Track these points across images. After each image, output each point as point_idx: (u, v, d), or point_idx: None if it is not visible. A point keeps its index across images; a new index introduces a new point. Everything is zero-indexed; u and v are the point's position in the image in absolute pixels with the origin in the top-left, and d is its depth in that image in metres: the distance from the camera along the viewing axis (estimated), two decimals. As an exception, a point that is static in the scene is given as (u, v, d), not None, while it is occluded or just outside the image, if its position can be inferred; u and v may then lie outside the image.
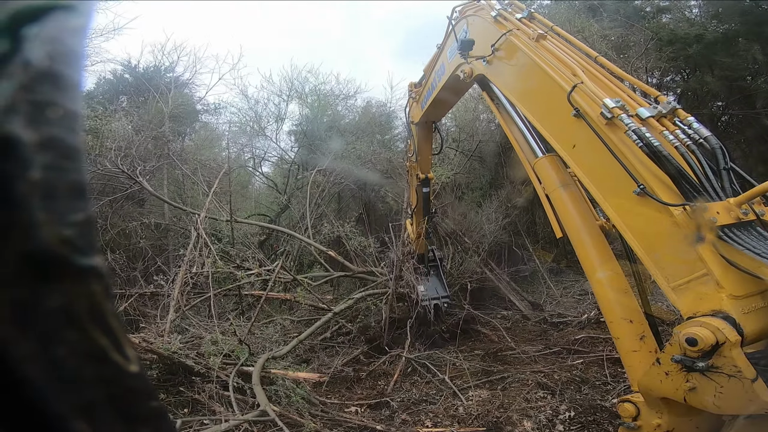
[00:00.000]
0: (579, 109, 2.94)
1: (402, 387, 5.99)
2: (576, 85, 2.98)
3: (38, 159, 0.34)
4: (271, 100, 15.18)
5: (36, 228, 0.33)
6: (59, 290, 0.34)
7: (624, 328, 2.93)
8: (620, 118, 2.71)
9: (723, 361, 2.18)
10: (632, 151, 2.66)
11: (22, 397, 0.33)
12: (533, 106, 3.51)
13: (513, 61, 3.69)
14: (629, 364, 2.91)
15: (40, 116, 0.34)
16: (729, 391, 2.17)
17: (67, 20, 0.37)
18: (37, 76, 0.35)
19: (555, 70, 3.21)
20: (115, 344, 0.36)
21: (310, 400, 5.27)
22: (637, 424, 2.78)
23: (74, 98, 0.36)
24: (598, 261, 3.18)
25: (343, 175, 12.24)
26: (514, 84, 3.72)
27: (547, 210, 3.68)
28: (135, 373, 0.37)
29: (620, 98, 2.86)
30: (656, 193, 2.54)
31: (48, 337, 0.33)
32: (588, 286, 10.00)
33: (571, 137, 3.10)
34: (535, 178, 3.81)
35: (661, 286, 2.54)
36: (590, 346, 6.56)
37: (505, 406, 5.09)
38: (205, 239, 7.73)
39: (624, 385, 5.17)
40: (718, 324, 2.20)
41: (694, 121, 2.76)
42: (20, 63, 0.34)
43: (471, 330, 7.51)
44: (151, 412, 0.38)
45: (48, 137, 0.35)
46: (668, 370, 2.41)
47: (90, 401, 0.35)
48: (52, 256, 0.34)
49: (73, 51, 0.37)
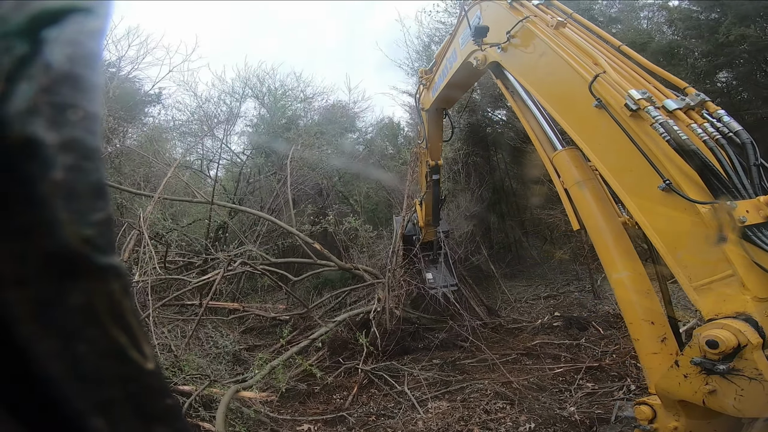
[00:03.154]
0: (601, 100, 2.82)
1: (359, 400, 5.86)
2: (598, 75, 2.85)
3: (60, 160, 0.34)
4: (222, 100, 14.82)
5: (58, 227, 0.34)
6: (80, 288, 0.35)
7: (644, 329, 2.85)
8: (647, 110, 2.58)
9: (744, 364, 2.14)
10: (658, 145, 2.55)
11: (43, 394, 0.33)
12: (551, 96, 3.37)
13: (530, 49, 3.53)
14: (649, 366, 2.84)
15: (61, 118, 0.35)
16: (750, 393, 2.13)
17: (85, 22, 0.37)
18: (58, 79, 0.35)
19: (575, 59, 3.07)
20: (133, 342, 0.37)
21: (259, 419, 5.10)
22: (654, 426, 2.74)
23: (94, 100, 0.37)
24: (620, 260, 3.06)
25: (300, 179, 12.11)
26: (531, 73, 3.57)
27: (566, 204, 3.55)
28: (152, 371, 0.38)
29: (646, 89, 2.73)
30: (682, 189, 2.43)
31: (69, 334, 0.34)
32: (541, 290, 10.45)
33: (591, 129, 2.99)
34: (553, 172, 3.66)
35: (682, 285, 2.48)
36: (545, 351, 6.59)
37: (465, 419, 5.06)
38: (148, 242, 7.34)
39: (581, 392, 5.19)
40: (739, 326, 2.15)
41: (725, 115, 2.62)
42: (41, 65, 0.35)
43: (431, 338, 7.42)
44: (167, 411, 0.39)
45: (69, 138, 0.35)
46: (687, 372, 2.37)
47: (109, 399, 0.35)
48: (73, 255, 0.34)
49: (92, 53, 0.37)
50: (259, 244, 10.48)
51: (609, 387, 5.25)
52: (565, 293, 9.71)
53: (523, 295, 10.01)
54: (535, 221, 12.49)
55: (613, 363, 5.78)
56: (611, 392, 5.13)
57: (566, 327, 7.32)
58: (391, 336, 6.96)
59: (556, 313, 8.09)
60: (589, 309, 8.21)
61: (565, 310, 8.38)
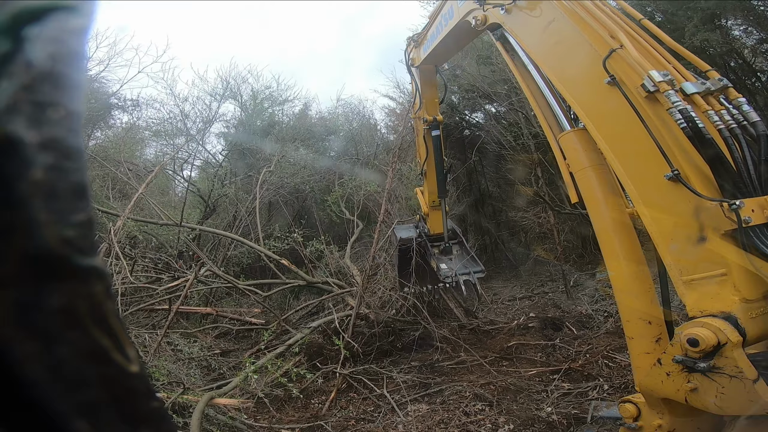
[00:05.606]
0: (614, 77, 2.63)
1: (337, 404, 5.82)
2: (614, 49, 2.65)
3: (40, 159, 0.34)
4: (201, 99, 14.57)
5: (38, 228, 0.33)
6: (61, 290, 0.34)
7: (640, 329, 2.79)
8: (666, 95, 2.42)
9: (725, 362, 2.15)
10: (672, 132, 2.42)
11: (24, 398, 0.32)
12: (559, 68, 3.11)
13: (537, 13, 3.23)
14: (638, 365, 2.78)
15: (41, 117, 0.34)
16: (730, 391, 2.15)
17: (68, 21, 0.37)
18: (39, 77, 0.35)
19: (590, 29, 2.83)
20: (116, 344, 0.36)
21: (235, 426, 5.02)
22: (639, 424, 2.75)
23: (76, 98, 0.36)
24: (623, 256, 2.90)
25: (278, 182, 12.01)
26: (537, 39, 3.27)
27: (568, 183, 3.33)
28: (136, 374, 0.37)
29: (667, 71, 2.56)
30: (690, 181, 2.34)
31: (50, 337, 0.33)
32: (516, 291, 10.62)
33: (600, 107, 2.81)
34: (559, 153, 3.39)
35: (672, 277, 2.46)
36: (521, 353, 6.66)
37: (445, 421, 5.07)
38: (118, 251, 7.14)
39: (558, 393, 5.26)
40: (719, 324, 2.17)
41: (744, 103, 2.50)
42: (22, 63, 0.34)
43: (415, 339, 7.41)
44: (152, 413, 0.38)
45: (49, 138, 0.35)
46: (669, 370, 2.39)
47: (91, 401, 0.35)
48: (53, 256, 0.34)
49: (75, 51, 0.37)
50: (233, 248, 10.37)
51: (583, 387, 5.35)
52: (540, 294, 9.90)
53: (500, 296, 10.14)
54: (511, 223, 12.72)
55: (587, 363, 5.91)
56: (586, 392, 5.24)
57: (541, 328, 7.43)
58: (370, 339, 6.91)
59: (532, 314, 8.22)
60: (562, 309, 8.39)
61: (540, 310, 8.53)
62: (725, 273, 2.25)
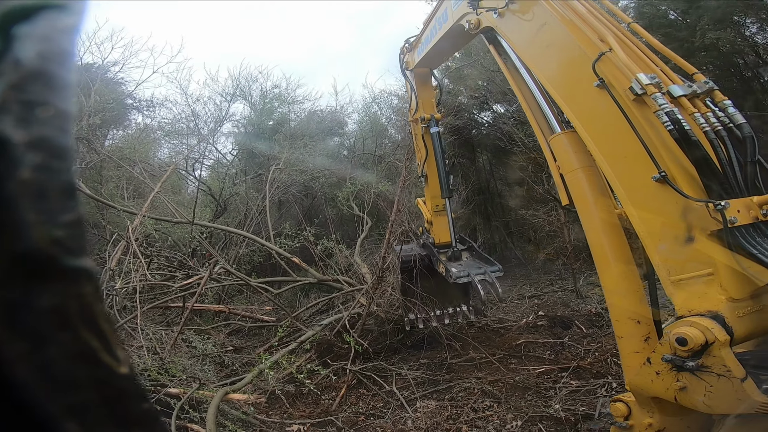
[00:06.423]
0: (603, 80, 2.68)
1: (347, 401, 5.86)
2: (604, 53, 2.69)
3: (28, 159, 0.34)
4: (212, 99, 14.69)
5: (26, 228, 0.33)
6: (50, 291, 0.34)
7: (630, 328, 2.81)
8: (653, 97, 2.47)
9: (713, 361, 2.18)
10: (659, 134, 2.46)
11: (13, 399, 0.32)
12: (550, 70, 3.16)
13: (529, 17, 3.28)
14: (628, 364, 2.81)
15: (30, 116, 0.34)
16: (719, 390, 2.17)
17: (58, 19, 0.36)
18: (28, 76, 0.34)
19: (580, 33, 2.89)
20: (105, 346, 0.36)
21: (248, 421, 5.06)
22: (629, 423, 2.77)
23: (65, 98, 0.36)
24: (612, 256, 2.95)
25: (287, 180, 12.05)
26: (529, 43, 3.33)
27: (559, 185, 3.39)
28: (125, 375, 0.37)
29: (655, 74, 2.60)
30: (677, 182, 2.38)
31: (39, 338, 0.33)
32: (525, 290, 10.57)
33: (589, 110, 2.84)
34: (549, 154, 3.45)
35: (660, 277, 2.49)
36: (530, 351, 6.69)
37: (453, 418, 5.09)
38: (136, 249, 7.26)
39: (566, 391, 5.27)
40: (707, 324, 2.20)
41: (730, 105, 2.55)
42: (11, 62, 0.34)
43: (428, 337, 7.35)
44: (143, 414, 0.38)
45: (38, 137, 0.34)
46: (659, 369, 2.41)
47: (81, 403, 0.35)
48: (42, 257, 0.34)
49: (65, 50, 0.37)
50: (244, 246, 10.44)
51: (592, 385, 5.34)
52: (549, 293, 9.90)
53: (509, 294, 10.10)
54: (520, 222, 12.65)
55: (596, 361, 5.87)
56: (594, 390, 5.23)
57: (550, 326, 7.42)
58: (379, 337, 6.92)
59: (541, 312, 8.19)
60: (572, 308, 8.34)
61: (549, 309, 8.51)
62: (712, 273, 2.29)
